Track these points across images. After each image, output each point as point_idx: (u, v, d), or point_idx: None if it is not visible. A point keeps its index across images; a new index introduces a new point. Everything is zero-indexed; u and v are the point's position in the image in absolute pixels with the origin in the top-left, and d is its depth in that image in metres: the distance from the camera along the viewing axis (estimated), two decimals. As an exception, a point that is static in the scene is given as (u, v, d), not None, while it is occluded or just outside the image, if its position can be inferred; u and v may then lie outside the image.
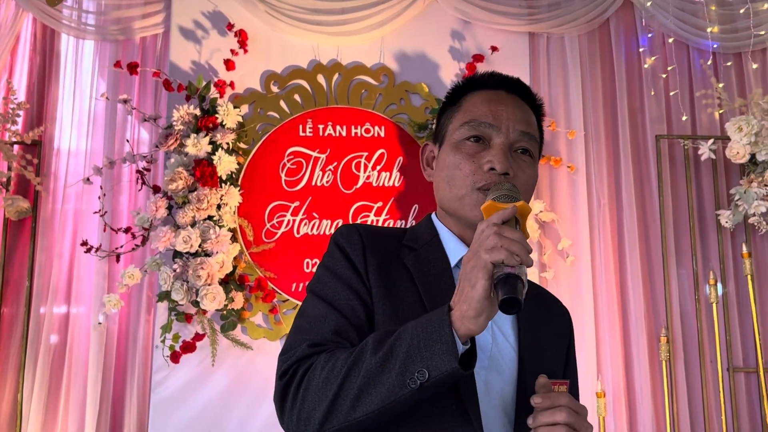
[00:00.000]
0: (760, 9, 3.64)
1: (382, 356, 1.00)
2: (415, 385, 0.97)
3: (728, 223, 3.41)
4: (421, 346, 0.98)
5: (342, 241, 1.21)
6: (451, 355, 0.96)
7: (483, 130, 1.21)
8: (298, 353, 1.10)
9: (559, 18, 3.64)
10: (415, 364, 0.97)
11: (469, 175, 1.19)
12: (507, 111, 1.23)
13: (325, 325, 1.13)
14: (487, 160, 1.18)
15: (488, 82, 1.29)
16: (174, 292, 3.08)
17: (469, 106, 1.26)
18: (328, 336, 1.11)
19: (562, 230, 3.48)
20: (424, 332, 0.99)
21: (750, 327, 3.41)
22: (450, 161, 1.22)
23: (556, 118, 3.58)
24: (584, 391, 3.29)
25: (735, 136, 3.29)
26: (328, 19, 3.55)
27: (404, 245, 1.24)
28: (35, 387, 3.25)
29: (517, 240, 0.97)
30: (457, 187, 1.20)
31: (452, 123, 1.26)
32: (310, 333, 1.13)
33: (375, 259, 1.19)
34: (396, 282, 1.17)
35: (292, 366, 1.09)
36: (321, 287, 1.19)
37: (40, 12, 3.52)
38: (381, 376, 0.99)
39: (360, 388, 1.00)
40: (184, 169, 3.18)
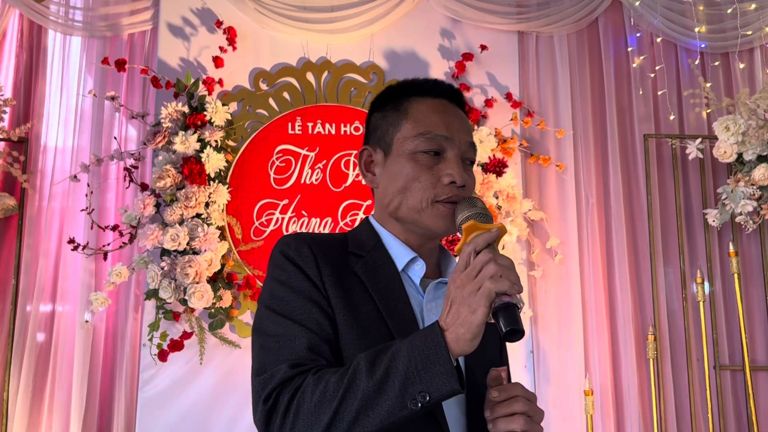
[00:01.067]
0: (747, 9, 3.67)
1: (379, 379, 1.02)
2: (416, 407, 1.00)
3: (715, 222, 3.43)
4: (419, 368, 1.00)
5: (292, 253, 1.20)
6: (451, 377, 0.99)
7: (440, 143, 1.24)
8: (280, 375, 1.09)
9: (548, 17, 3.66)
10: (414, 387, 1.00)
11: (429, 188, 1.21)
12: (457, 123, 1.26)
13: (297, 343, 1.13)
14: (447, 173, 1.22)
15: (432, 90, 1.30)
16: (162, 291, 3.07)
17: (419, 114, 1.26)
18: (304, 354, 1.11)
19: (551, 229, 3.49)
20: (422, 355, 1.01)
21: (736, 325, 3.44)
22: (407, 172, 1.23)
23: (544, 117, 3.59)
24: (572, 389, 3.32)
25: (722, 136, 3.31)
26: (318, 17, 3.54)
27: (351, 252, 1.25)
28: (21, 385, 3.23)
29: (513, 269, 1.03)
30: (416, 199, 1.22)
31: (400, 131, 1.26)
32: (283, 353, 1.12)
33: (328, 269, 1.19)
34: (350, 291, 1.19)
35: (276, 389, 1.09)
36: (279, 303, 1.18)
37: (27, 8, 3.49)
38: (379, 399, 1.01)
39: (358, 410, 1.02)
40: (172, 167, 3.16)
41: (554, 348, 3.42)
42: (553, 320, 3.45)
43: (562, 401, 3.35)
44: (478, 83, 3.56)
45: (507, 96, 3.52)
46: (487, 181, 3.27)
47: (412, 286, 1.24)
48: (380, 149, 1.30)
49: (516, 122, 3.51)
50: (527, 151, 3.55)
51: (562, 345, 3.42)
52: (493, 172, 3.30)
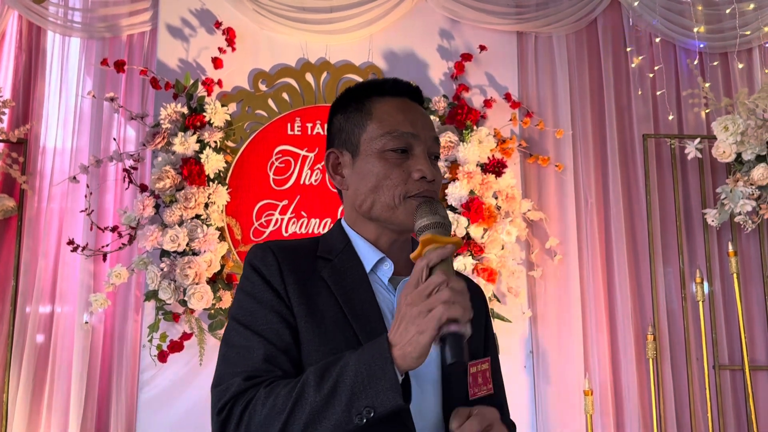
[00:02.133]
0: (745, 9, 3.67)
1: (327, 393, 1.03)
2: (362, 422, 1.01)
3: (714, 222, 3.43)
4: (365, 383, 1.01)
5: (257, 263, 1.23)
6: (395, 393, 1.00)
7: (407, 141, 1.25)
8: (234, 388, 1.12)
9: (546, 17, 3.66)
10: (360, 401, 1.01)
11: (400, 185, 1.22)
12: (421, 120, 1.28)
13: (254, 354, 1.15)
14: (417, 168, 1.23)
15: (392, 89, 1.31)
16: (161, 291, 3.07)
17: (383, 115, 1.27)
18: (260, 365, 1.13)
19: (550, 229, 3.50)
20: (368, 370, 1.02)
21: (736, 325, 3.44)
22: (377, 171, 1.24)
23: (543, 117, 3.59)
24: (572, 389, 3.32)
25: (721, 136, 3.31)
26: (317, 18, 3.54)
27: (319, 257, 1.26)
28: (20, 386, 3.23)
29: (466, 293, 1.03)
30: (389, 197, 1.23)
31: (366, 132, 1.27)
32: (240, 364, 1.15)
33: (292, 277, 1.21)
34: (315, 297, 1.20)
35: (229, 402, 1.11)
36: (243, 314, 1.20)
37: (26, 9, 3.49)
38: (326, 413, 1.03)
39: (306, 424, 1.03)
40: (172, 168, 3.16)
41: (554, 348, 3.42)
42: (553, 320, 3.45)
43: (562, 401, 3.35)
44: (477, 83, 3.56)
45: (506, 96, 3.53)
46: (486, 181, 3.27)
47: (382, 286, 1.25)
48: (347, 151, 1.30)
49: (515, 122, 3.51)
50: (526, 151, 3.55)
51: (561, 345, 3.42)
52: (492, 172, 3.30)
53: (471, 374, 1.23)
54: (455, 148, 3.30)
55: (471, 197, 3.24)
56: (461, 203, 3.25)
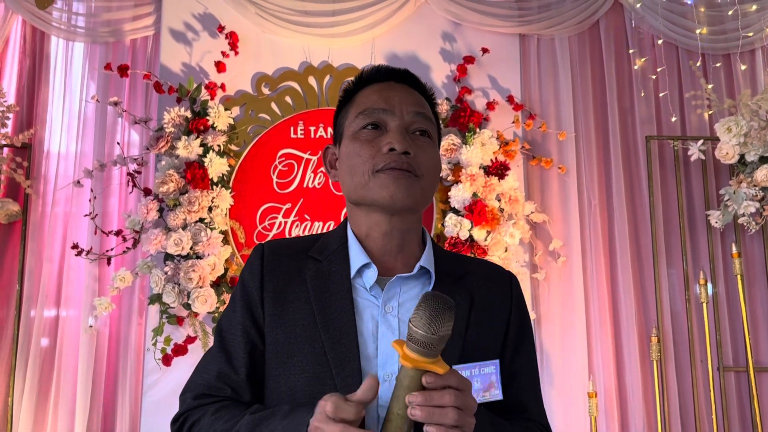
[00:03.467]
0: (748, 11, 3.67)
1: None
2: None
3: (718, 224, 3.43)
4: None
5: (245, 268, 1.24)
6: None
7: (378, 116, 1.20)
8: (186, 404, 1.20)
9: (549, 20, 3.66)
10: None
11: (368, 160, 1.17)
12: (398, 95, 1.23)
13: (212, 367, 1.21)
14: (386, 142, 1.17)
15: (376, 76, 1.28)
16: (165, 295, 3.08)
17: (362, 99, 1.25)
18: (212, 382, 1.19)
19: (554, 231, 3.49)
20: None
21: (740, 326, 3.44)
22: (349, 151, 1.21)
23: (546, 120, 3.59)
24: (576, 391, 3.32)
25: (724, 137, 3.31)
26: (319, 21, 3.55)
27: (310, 256, 1.23)
28: (25, 390, 3.24)
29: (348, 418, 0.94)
30: (359, 174, 1.18)
31: (347, 119, 1.25)
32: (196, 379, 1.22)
33: (272, 284, 1.20)
34: (291, 303, 1.18)
35: (182, 415, 1.20)
36: (224, 318, 1.25)
37: (30, 14, 3.50)
38: None
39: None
40: (175, 172, 3.17)
41: (558, 350, 3.42)
42: (557, 322, 3.45)
43: (566, 403, 3.35)
44: (479, 86, 3.56)
45: (509, 99, 3.53)
46: (489, 183, 3.27)
47: (366, 292, 1.18)
48: (337, 143, 1.29)
49: (518, 125, 3.51)
50: (529, 153, 3.55)
51: (565, 347, 3.42)
52: (495, 174, 3.30)
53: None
54: (458, 151, 3.31)
55: (474, 200, 3.24)
56: (464, 206, 3.25)
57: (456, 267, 1.26)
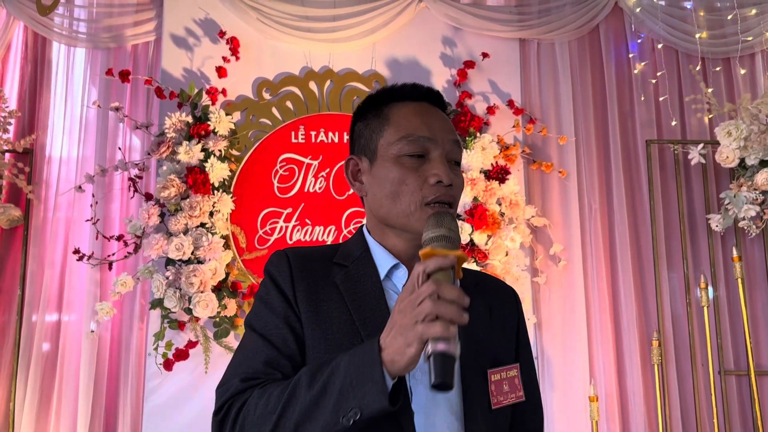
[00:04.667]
0: (747, 15, 3.68)
1: (317, 393, 1.03)
2: (348, 423, 1.00)
3: (718, 227, 3.43)
4: (354, 384, 1.01)
5: (272, 270, 1.24)
6: (382, 395, 0.98)
7: (423, 145, 1.22)
8: (232, 389, 1.14)
9: (549, 24, 3.67)
10: (348, 402, 1.00)
11: (416, 191, 1.20)
12: (439, 123, 1.25)
13: (257, 357, 1.17)
14: (433, 173, 1.20)
15: (411, 94, 1.29)
16: (167, 300, 3.08)
17: (400, 119, 1.25)
18: (260, 368, 1.15)
19: (554, 235, 3.50)
20: (357, 371, 1.01)
21: (741, 330, 3.43)
22: (393, 176, 1.22)
23: (546, 124, 3.60)
24: (577, 395, 3.32)
25: (724, 141, 3.31)
26: (320, 26, 3.56)
27: (335, 263, 1.26)
28: (27, 395, 3.24)
29: (454, 300, 0.97)
30: (405, 203, 1.21)
31: (383, 137, 1.25)
32: (241, 367, 1.17)
33: (303, 284, 1.21)
34: (324, 303, 1.20)
35: (227, 402, 1.14)
36: (255, 319, 1.22)
37: (32, 20, 3.52)
38: (316, 413, 1.03)
39: (296, 424, 1.04)
40: (177, 177, 3.18)
41: (559, 354, 3.42)
42: (557, 326, 3.45)
43: (567, 408, 3.35)
44: (479, 91, 3.57)
45: (509, 103, 3.54)
46: (489, 188, 3.28)
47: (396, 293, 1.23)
48: (365, 157, 1.29)
49: (518, 129, 3.52)
50: (529, 157, 3.56)
51: (566, 351, 3.42)
52: (495, 179, 3.31)
53: (492, 382, 1.20)
54: (459, 155, 3.31)
55: (475, 204, 3.25)
56: (465, 210, 3.26)
57: (469, 276, 1.31)
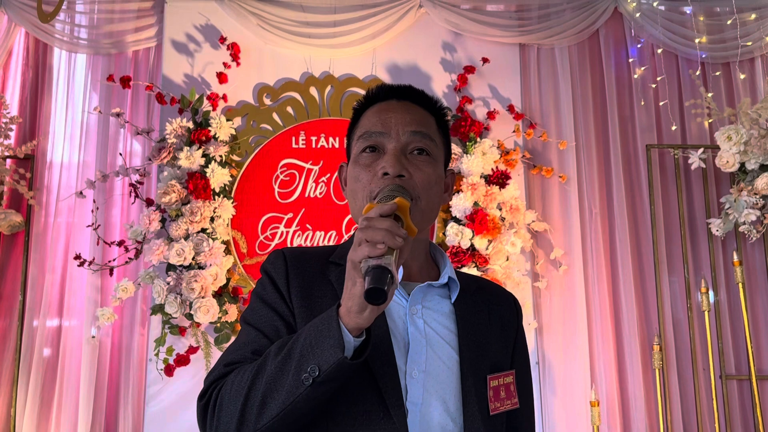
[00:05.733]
0: (747, 19, 3.68)
1: (281, 360, 1.04)
2: (309, 382, 1.00)
3: (719, 232, 3.43)
4: (313, 344, 1.01)
5: (269, 267, 1.25)
6: (338, 348, 0.99)
7: (376, 140, 1.23)
8: (214, 375, 1.14)
9: (549, 29, 3.68)
10: (308, 362, 1.00)
11: (366, 185, 1.20)
12: (395, 116, 1.25)
13: (247, 346, 1.16)
14: (381, 166, 1.19)
15: (379, 95, 1.30)
16: (167, 305, 3.08)
17: (364, 120, 1.28)
18: (247, 355, 1.15)
19: (555, 240, 3.50)
20: (315, 331, 1.02)
21: (742, 334, 3.43)
22: (351, 175, 1.25)
23: (547, 129, 3.61)
24: (578, 400, 3.31)
25: (724, 145, 3.32)
26: (320, 32, 3.57)
27: (331, 262, 1.26)
28: (28, 400, 3.24)
29: (383, 228, 0.98)
30: (359, 199, 1.22)
31: (353, 140, 1.29)
32: (230, 355, 1.17)
33: (297, 280, 1.21)
34: (319, 299, 1.20)
35: (210, 387, 1.13)
36: (250, 314, 1.22)
37: (33, 26, 3.53)
38: (281, 379, 1.03)
39: (264, 394, 1.03)
40: (177, 182, 3.18)
41: (560, 359, 3.42)
42: (558, 331, 3.45)
43: (568, 412, 3.35)
44: (480, 96, 3.58)
45: (509, 108, 3.54)
46: (490, 192, 3.28)
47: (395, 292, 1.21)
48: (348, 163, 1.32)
49: (518, 134, 3.52)
50: (530, 162, 3.56)
51: (567, 356, 3.42)
52: (496, 183, 3.31)
53: (491, 388, 1.20)
54: (459, 160, 3.32)
55: (475, 209, 3.25)
56: (465, 215, 3.26)
57: (469, 281, 1.31)
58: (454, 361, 1.18)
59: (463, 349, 1.20)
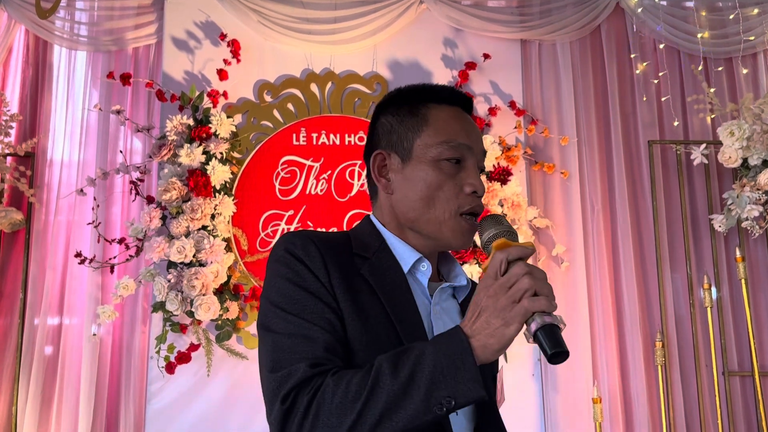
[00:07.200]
0: (749, 14, 3.67)
1: (404, 381, 1.00)
2: (442, 411, 0.98)
3: (721, 228, 3.42)
4: (445, 373, 0.99)
5: (299, 252, 1.16)
6: (477, 384, 0.99)
7: (463, 152, 1.23)
8: (299, 375, 1.06)
9: (550, 25, 3.66)
10: (440, 391, 0.98)
11: (452, 198, 1.20)
12: (475, 132, 1.26)
13: (314, 342, 1.09)
14: (469, 182, 1.21)
15: (450, 98, 1.28)
16: (168, 303, 3.08)
17: (440, 122, 1.24)
18: (321, 354, 1.08)
19: (557, 236, 3.49)
20: (447, 360, 1.00)
21: (744, 331, 3.42)
22: (430, 180, 1.21)
23: (548, 125, 3.59)
24: (580, 397, 3.30)
25: (727, 141, 3.30)
26: (321, 28, 3.56)
27: (355, 254, 1.21)
28: (29, 398, 3.24)
29: (549, 284, 1.01)
30: (439, 210, 1.21)
31: (420, 137, 1.23)
32: (300, 351, 1.08)
33: (336, 271, 1.15)
34: (358, 294, 1.15)
35: (294, 389, 1.05)
36: (289, 302, 1.13)
37: (33, 23, 3.52)
38: (404, 402, 0.99)
39: (382, 413, 1.00)
40: (178, 180, 3.18)
41: (562, 356, 3.40)
42: (560, 328, 3.43)
43: (571, 409, 3.34)
44: (481, 92, 3.57)
45: (510, 104, 3.53)
46: (491, 189, 3.27)
47: (419, 288, 1.22)
48: (396, 154, 1.25)
49: (520, 130, 3.51)
50: (531, 158, 3.55)
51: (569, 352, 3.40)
52: (497, 180, 3.30)
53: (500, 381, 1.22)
54: (460, 157, 3.30)
55: (477, 205, 3.24)
56: (467, 211, 3.25)
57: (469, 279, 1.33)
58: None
59: None
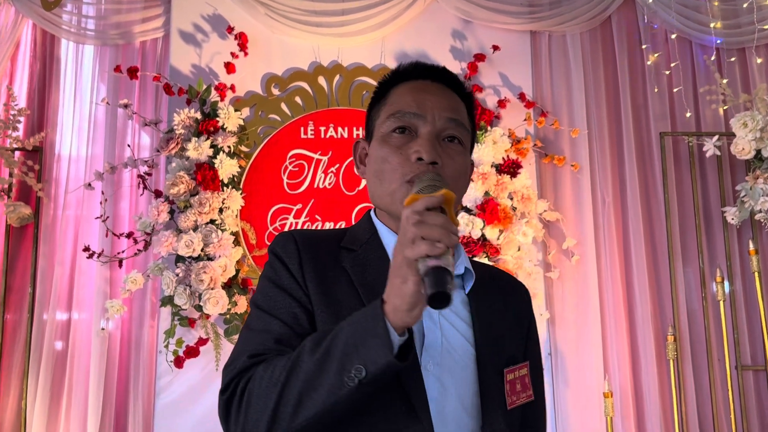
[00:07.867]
0: (763, 4, 3.61)
1: (320, 358, 0.98)
2: (353, 384, 0.95)
3: (734, 220, 3.38)
4: (357, 343, 0.96)
5: (278, 250, 1.19)
6: (386, 348, 0.94)
7: (409, 121, 1.18)
8: (239, 366, 1.08)
9: (560, 16, 3.63)
10: (352, 362, 0.95)
11: (397, 168, 1.15)
12: (432, 99, 1.20)
13: (268, 335, 1.11)
14: (414, 150, 1.14)
15: (413, 73, 1.24)
16: (177, 297, 3.07)
17: (395, 97, 1.22)
18: (271, 345, 1.09)
19: (567, 229, 3.46)
20: (359, 328, 0.97)
21: (758, 324, 3.39)
22: (378, 155, 1.19)
23: (558, 117, 3.56)
24: (591, 391, 3.28)
25: (740, 132, 3.26)
26: (329, 21, 3.54)
27: (342, 247, 1.21)
28: (38, 393, 3.24)
29: (439, 225, 0.93)
30: (387, 182, 1.17)
31: (379, 117, 1.23)
32: (250, 345, 1.11)
33: (311, 265, 1.16)
34: (333, 285, 1.15)
35: (233, 380, 1.08)
36: (263, 298, 1.16)
37: (40, 18, 3.51)
38: (320, 378, 0.98)
39: (300, 392, 0.99)
40: (186, 173, 3.17)
41: (572, 350, 3.39)
42: (571, 322, 3.41)
43: (582, 403, 3.32)
44: (490, 84, 3.54)
45: (520, 96, 3.50)
46: (501, 182, 3.24)
47: None
48: (367, 140, 1.27)
49: (530, 122, 3.48)
50: (541, 151, 3.52)
51: (580, 347, 3.39)
52: (507, 173, 3.27)
53: (508, 381, 1.16)
54: (469, 149, 3.28)
55: (486, 198, 3.21)
56: (476, 204, 3.23)
57: (483, 271, 1.27)
58: (470, 354, 1.14)
59: (479, 342, 1.16)
